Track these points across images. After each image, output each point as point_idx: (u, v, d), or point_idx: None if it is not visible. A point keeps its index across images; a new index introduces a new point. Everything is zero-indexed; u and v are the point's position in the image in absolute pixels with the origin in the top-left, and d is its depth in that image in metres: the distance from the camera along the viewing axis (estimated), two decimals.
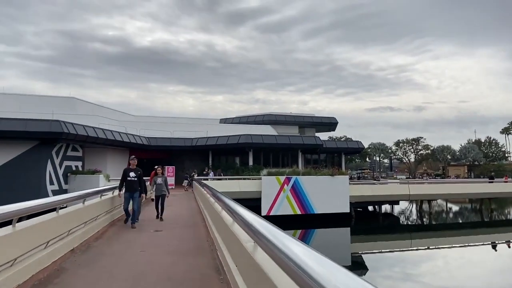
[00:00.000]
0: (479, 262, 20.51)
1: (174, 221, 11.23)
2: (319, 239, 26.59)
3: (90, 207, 8.28)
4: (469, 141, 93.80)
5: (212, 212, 8.83)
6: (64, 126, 22.60)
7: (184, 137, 35.70)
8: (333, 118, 49.79)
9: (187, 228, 10.02)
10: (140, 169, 10.69)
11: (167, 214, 12.18)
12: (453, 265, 19.81)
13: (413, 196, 31.31)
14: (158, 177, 12.26)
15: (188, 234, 8.83)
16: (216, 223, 7.47)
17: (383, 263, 20.72)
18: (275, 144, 34.07)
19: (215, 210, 7.64)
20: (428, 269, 18.73)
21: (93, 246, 7.30)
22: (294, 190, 27.93)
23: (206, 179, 28.14)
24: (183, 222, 11.23)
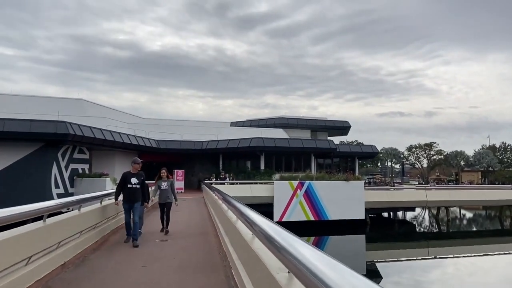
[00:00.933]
0: (499, 272, 19.30)
1: (181, 229, 10.27)
2: (333, 247, 25.52)
3: (88, 214, 7.37)
4: (483, 146, 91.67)
5: (224, 220, 7.86)
6: (70, 128, 21.89)
7: (194, 140, 34.85)
8: (345, 122, 48.59)
9: (196, 237, 9.06)
10: (143, 173, 8.87)
11: (174, 220, 11.19)
12: (474, 275, 18.59)
13: (430, 202, 30.00)
14: (162, 181, 10.30)
15: (197, 245, 7.86)
16: (230, 234, 6.50)
17: (399, 272, 19.54)
18: (287, 147, 33.02)
19: (228, 219, 6.67)
20: (447, 279, 17.60)
21: (89, 260, 6.37)
22: (308, 195, 26.87)
23: (223, 184, 27.33)
24: (191, 230, 10.27)
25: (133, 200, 8.36)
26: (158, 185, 10.32)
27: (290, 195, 26.61)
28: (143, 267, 5.88)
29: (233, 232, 5.95)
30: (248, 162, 35.55)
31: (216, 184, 23.91)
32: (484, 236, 30.69)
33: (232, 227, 6.14)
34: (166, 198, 10.10)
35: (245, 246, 4.44)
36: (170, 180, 10.51)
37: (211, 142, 34.66)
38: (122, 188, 8.53)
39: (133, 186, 8.42)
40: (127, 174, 8.69)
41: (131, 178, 8.51)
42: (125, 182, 8.49)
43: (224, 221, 7.96)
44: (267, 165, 33.74)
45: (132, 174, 8.64)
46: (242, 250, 4.90)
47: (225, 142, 33.74)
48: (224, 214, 7.79)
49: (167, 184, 10.26)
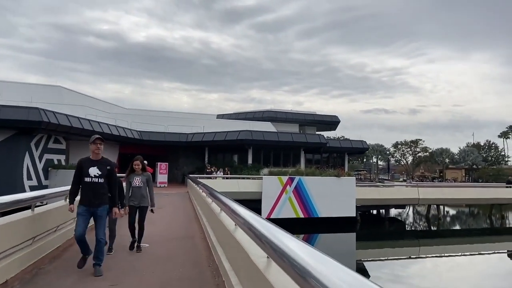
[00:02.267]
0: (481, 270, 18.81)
1: (162, 232, 8.86)
2: (322, 245, 24.50)
3: (45, 215, 5.96)
4: (468, 144, 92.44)
5: (214, 221, 6.55)
6: (44, 115, 20.16)
7: (179, 132, 33.27)
8: (335, 117, 47.66)
9: (180, 242, 7.71)
10: (111, 162, 5.94)
11: (154, 220, 9.80)
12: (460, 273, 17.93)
13: (422, 200, 29.26)
14: (135, 175, 7.14)
15: (182, 254, 6.51)
16: (222, 238, 5.20)
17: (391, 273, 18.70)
18: (276, 141, 31.76)
19: (221, 222, 5.36)
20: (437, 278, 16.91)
21: (42, 274, 4.98)
22: (297, 191, 25.74)
23: (209, 178, 25.98)
24: (174, 232, 8.88)
25: (94, 203, 5.27)
26: (129, 180, 7.18)
27: (279, 191, 25.44)
28: (111, 287, 4.53)
29: (225, 235, 4.72)
30: (235, 156, 34.21)
31: (202, 179, 22.56)
32: (475, 235, 30.15)
33: (226, 232, 4.87)
34: (139, 199, 7.03)
35: (243, 257, 3.27)
36: (147, 174, 7.33)
37: (196, 134, 33.14)
38: (78, 184, 5.59)
39: (93, 180, 5.31)
40: (83, 161, 5.59)
41: (90, 167, 5.40)
42: (82, 173, 5.46)
43: (214, 222, 6.65)
44: (255, 159, 32.46)
45: (91, 162, 5.50)
46: (240, 263, 3.69)
47: (211, 135, 32.28)
48: (213, 214, 6.49)
49: (141, 180, 7.09)
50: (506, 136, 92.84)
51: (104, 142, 5.75)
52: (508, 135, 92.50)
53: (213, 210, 6.48)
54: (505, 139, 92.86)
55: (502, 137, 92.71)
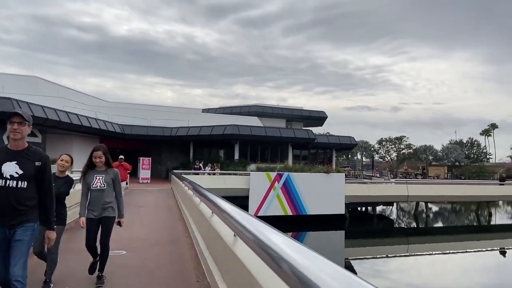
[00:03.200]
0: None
1: (142, 235, 7.84)
2: (311, 243, 23.80)
3: None
4: (451, 141, 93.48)
5: (204, 226, 5.59)
6: (16, 105, 18.75)
7: (163, 126, 32.00)
8: (322, 112, 47.02)
9: (163, 248, 6.71)
10: (43, 153, 3.41)
11: (134, 221, 8.80)
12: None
13: (412, 197, 28.85)
14: (96, 172, 4.97)
15: (165, 268, 5.48)
16: (217, 254, 4.24)
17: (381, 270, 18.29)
18: (264, 136, 30.81)
19: (214, 229, 4.41)
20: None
21: None
22: (286, 188, 24.93)
23: (197, 174, 24.93)
24: (156, 236, 7.85)
25: (7, 221, 3.17)
26: (86, 181, 4.94)
27: (267, 187, 24.59)
28: None
29: (220, 247, 3.78)
30: (221, 151, 33.15)
31: (187, 175, 21.48)
32: (463, 233, 29.95)
33: (220, 243, 3.93)
34: (101, 208, 4.86)
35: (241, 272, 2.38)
36: (113, 172, 5.08)
37: (181, 128, 31.92)
38: None
39: (8, 183, 3.15)
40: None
41: (4, 162, 3.17)
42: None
43: (203, 226, 5.68)
44: (241, 154, 31.48)
45: (7, 154, 3.21)
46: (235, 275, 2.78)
47: (196, 129, 31.12)
48: (203, 218, 5.51)
49: (105, 180, 4.90)
50: (488, 133, 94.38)
51: (28, 122, 3.25)
52: (489, 132, 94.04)
53: (202, 212, 5.50)
54: (487, 137, 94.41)
55: (484, 134, 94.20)
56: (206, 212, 5.22)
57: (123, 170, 12.57)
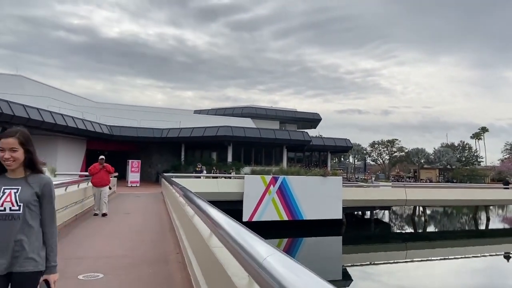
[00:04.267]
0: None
1: (125, 251, 6.75)
2: (307, 250, 22.90)
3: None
4: (442, 144, 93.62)
5: (199, 246, 4.54)
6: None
7: (153, 127, 30.79)
8: (316, 114, 46.26)
9: (150, 269, 5.64)
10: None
11: (117, 232, 7.70)
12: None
13: (410, 201, 28.07)
14: (6, 181, 2.43)
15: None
16: (204, 262, 3.20)
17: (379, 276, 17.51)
18: (258, 138, 29.78)
19: (214, 258, 3.36)
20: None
21: None
22: (281, 192, 23.93)
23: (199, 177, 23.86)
24: (141, 253, 6.77)
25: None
26: None
27: (262, 191, 23.54)
28: None
29: (217, 274, 2.75)
30: (214, 153, 32.04)
31: (178, 178, 20.33)
32: (461, 237, 29.23)
33: (218, 269, 2.91)
34: (9, 253, 2.31)
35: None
36: (41, 181, 2.54)
37: (172, 130, 30.74)
38: None
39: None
40: None
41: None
42: None
43: (198, 246, 4.63)
44: (234, 157, 30.41)
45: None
46: None
47: (188, 131, 29.97)
48: (199, 235, 4.45)
49: (20, 197, 2.39)
50: (478, 137, 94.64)
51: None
52: (480, 136, 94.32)
53: (197, 229, 4.45)
54: (477, 140, 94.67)
55: (474, 138, 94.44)
56: (202, 229, 4.18)
57: (105, 174, 11.39)
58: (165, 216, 11.15)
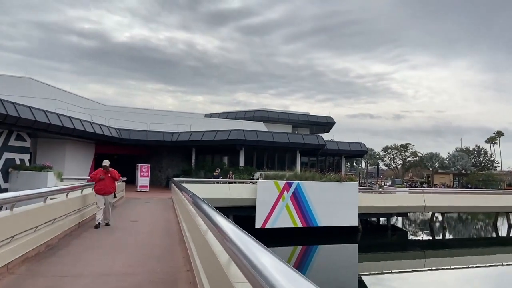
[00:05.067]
0: None
1: (127, 268, 5.91)
2: (322, 258, 21.96)
3: None
4: (457, 149, 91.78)
5: (213, 270, 3.67)
6: (0, 105, 16.90)
7: (163, 131, 30.11)
8: (330, 118, 45.22)
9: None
10: None
11: (120, 244, 6.88)
12: None
13: (429, 208, 26.97)
14: None
15: None
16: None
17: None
18: (271, 142, 28.86)
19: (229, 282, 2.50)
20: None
21: None
22: (296, 198, 23.01)
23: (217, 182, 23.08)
24: (146, 270, 5.92)
25: None
26: None
27: (276, 197, 22.66)
28: None
29: None
30: (225, 157, 31.21)
31: (188, 183, 19.57)
32: (482, 245, 27.96)
33: (225, 281, 2.05)
34: None
35: None
36: None
37: (183, 133, 30.02)
38: None
39: None
40: None
41: None
42: None
43: (211, 266, 3.77)
44: (247, 161, 29.55)
45: None
46: None
47: (199, 134, 29.22)
48: (213, 256, 3.57)
49: None
50: (493, 141, 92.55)
51: None
52: (495, 140, 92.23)
53: (212, 249, 3.58)
54: (492, 145, 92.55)
55: (489, 142, 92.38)
56: (218, 251, 3.31)
57: (110, 180, 10.11)
58: (174, 226, 10.32)
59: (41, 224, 6.79)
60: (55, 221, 7.63)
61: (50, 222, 7.39)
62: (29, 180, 18.61)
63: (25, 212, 6.15)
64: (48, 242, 7.12)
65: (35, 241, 6.39)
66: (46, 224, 7.10)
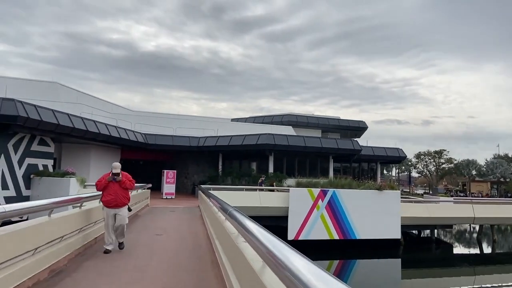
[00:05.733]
0: None
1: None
2: (361, 274, 20.01)
3: None
4: (495, 155, 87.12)
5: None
6: (21, 108, 16.01)
7: (190, 136, 28.94)
8: (362, 122, 43.08)
9: None
10: None
11: (137, 266, 5.43)
12: None
13: (479, 219, 24.57)
14: None
15: None
16: None
17: None
18: (302, 147, 27.12)
19: None
20: None
21: None
22: (331, 207, 21.23)
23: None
24: None
25: None
26: None
27: (310, 206, 20.95)
28: None
29: None
30: (254, 163, 29.68)
31: (216, 190, 18.17)
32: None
33: None
34: None
35: None
36: None
37: (209, 138, 28.74)
38: None
39: None
40: None
41: None
42: None
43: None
44: (276, 167, 27.91)
45: None
46: None
47: (226, 139, 27.86)
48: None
49: None
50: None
51: None
52: None
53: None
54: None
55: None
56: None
57: (120, 189, 7.67)
58: (204, 242, 8.83)
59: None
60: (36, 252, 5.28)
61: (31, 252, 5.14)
62: (51, 187, 17.69)
63: None
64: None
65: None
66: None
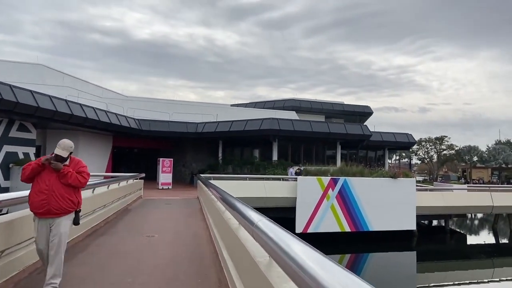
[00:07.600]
0: None
1: None
2: (375, 268, 18.47)
3: None
4: (497, 141, 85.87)
5: None
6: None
7: (187, 121, 26.91)
8: (367, 107, 41.25)
9: None
10: None
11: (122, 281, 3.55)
12: None
13: (498, 208, 22.97)
14: None
15: None
16: None
17: None
18: (309, 133, 25.16)
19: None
20: None
21: None
22: (342, 197, 19.50)
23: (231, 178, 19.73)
24: None
25: None
26: None
27: (319, 196, 19.22)
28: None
29: None
30: (256, 151, 27.76)
31: (206, 177, 16.38)
32: None
33: None
34: None
35: None
36: None
37: (208, 124, 26.72)
38: None
39: None
40: None
41: None
42: None
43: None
44: (280, 155, 26.02)
45: None
46: None
47: (227, 124, 25.87)
48: None
49: None
50: None
51: None
52: None
53: None
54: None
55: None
56: None
57: (58, 184, 4.16)
58: (206, 247, 6.98)
59: None
60: None
61: None
62: None
63: None
64: None
65: None
66: None
